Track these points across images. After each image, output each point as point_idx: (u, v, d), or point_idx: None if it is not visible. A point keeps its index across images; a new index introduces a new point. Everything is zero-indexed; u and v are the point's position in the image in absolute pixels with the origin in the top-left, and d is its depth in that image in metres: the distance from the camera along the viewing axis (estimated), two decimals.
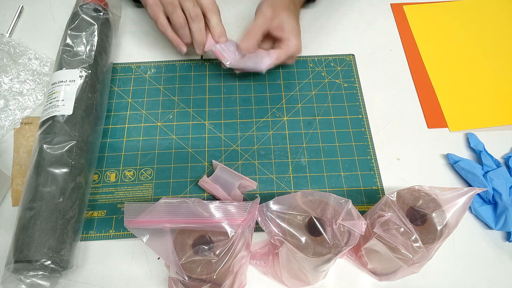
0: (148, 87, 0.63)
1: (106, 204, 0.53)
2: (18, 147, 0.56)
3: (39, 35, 0.68)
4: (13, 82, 0.61)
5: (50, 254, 0.43)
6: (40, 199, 0.46)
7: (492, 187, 0.52)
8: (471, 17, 0.71)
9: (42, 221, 0.45)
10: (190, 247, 0.38)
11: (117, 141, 0.58)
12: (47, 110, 0.52)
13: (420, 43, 0.68)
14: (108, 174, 0.55)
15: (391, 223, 0.40)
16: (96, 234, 0.51)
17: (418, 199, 0.42)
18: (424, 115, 0.61)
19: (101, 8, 0.60)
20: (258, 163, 0.56)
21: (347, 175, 0.55)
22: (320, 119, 0.60)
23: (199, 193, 0.54)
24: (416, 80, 0.64)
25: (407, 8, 0.73)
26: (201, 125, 0.59)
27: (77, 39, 0.57)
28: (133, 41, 0.68)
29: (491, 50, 0.67)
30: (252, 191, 0.54)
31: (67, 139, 0.49)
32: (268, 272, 0.48)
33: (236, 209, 0.38)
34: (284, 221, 0.39)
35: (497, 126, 0.59)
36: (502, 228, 0.50)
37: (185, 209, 0.38)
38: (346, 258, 0.49)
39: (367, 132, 0.59)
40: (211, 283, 0.38)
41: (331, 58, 0.66)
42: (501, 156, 0.57)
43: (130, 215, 0.37)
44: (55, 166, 0.48)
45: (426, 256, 0.39)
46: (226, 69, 0.63)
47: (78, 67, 0.54)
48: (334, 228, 0.38)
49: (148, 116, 0.60)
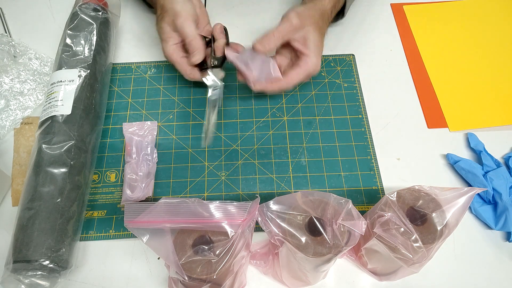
0: (148, 87, 0.63)
1: (106, 204, 0.53)
2: (18, 147, 0.56)
3: (39, 35, 0.68)
4: (13, 82, 0.61)
5: (49, 254, 0.43)
6: (38, 199, 0.46)
7: (492, 187, 0.52)
8: (471, 17, 0.71)
9: (41, 221, 0.45)
10: (190, 247, 0.38)
11: (117, 141, 0.57)
12: (46, 110, 0.52)
13: (420, 43, 0.68)
14: (108, 174, 0.55)
15: (391, 223, 0.40)
16: (96, 234, 0.51)
17: (418, 199, 0.42)
18: (424, 115, 0.61)
19: (100, 7, 0.60)
20: (258, 163, 0.56)
21: (347, 175, 0.55)
22: (320, 119, 0.60)
23: (199, 193, 0.54)
24: (416, 80, 0.64)
25: (407, 8, 0.73)
26: (201, 125, 0.59)
27: (76, 39, 0.57)
28: (133, 41, 0.68)
29: (491, 50, 0.67)
30: (252, 191, 0.54)
31: (65, 139, 0.49)
32: (268, 272, 0.48)
33: (236, 209, 0.38)
34: (284, 221, 0.39)
35: (497, 126, 0.59)
36: (502, 228, 0.50)
37: (185, 209, 0.38)
38: (346, 258, 0.49)
39: (367, 132, 0.59)
40: (211, 283, 0.38)
41: (331, 58, 0.66)
42: (501, 156, 0.57)
43: (130, 215, 0.37)
44: (54, 166, 0.48)
45: (426, 256, 0.39)
46: (227, 70, 0.64)
47: (77, 67, 0.54)
48: (334, 228, 0.38)
49: (148, 116, 0.60)
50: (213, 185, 0.54)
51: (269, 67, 0.55)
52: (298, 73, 0.54)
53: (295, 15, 0.53)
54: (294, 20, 0.52)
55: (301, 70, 0.54)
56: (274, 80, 0.55)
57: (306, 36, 0.53)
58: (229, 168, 0.56)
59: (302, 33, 0.53)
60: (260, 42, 0.53)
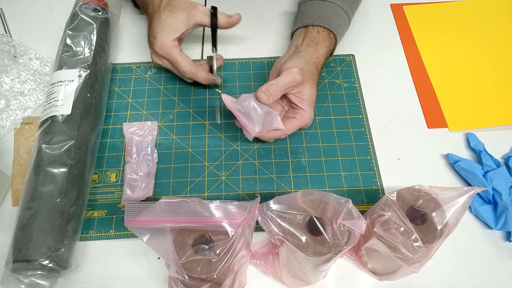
0: (148, 87, 0.63)
1: (106, 204, 0.53)
2: (18, 147, 0.56)
3: (40, 35, 0.68)
4: (14, 82, 0.61)
5: (49, 253, 0.43)
6: (38, 199, 0.46)
7: (492, 187, 0.52)
8: (471, 17, 0.71)
9: (41, 220, 0.45)
10: (190, 246, 0.38)
11: (117, 141, 0.58)
12: (46, 110, 0.52)
13: (420, 43, 0.68)
14: (108, 174, 0.55)
15: (391, 222, 0.40)
16: (96, 234, 0.51)
17: (418, 199, 0.42)
18: (424, 115, 0.61)
19: (100, 8, 0.60)
20: (258, 162, 0.56)
21: (347, 175, 0.55)
22: (320, 119, 0.60)
23: (199, 193, 0.54)
24: (416, 80, 0.64)
25: (407, 8, 0.73)
26: (201, 125, 0.59)
27: (76, 39, 0.57)
28: (134, 41, 0.68)
29: (491, 50, 0.67)
30: (252, 191, 0.54)
31: (65, 139, 0.50)
32: (268, 271, 0.48)
33: (236, 208, 0.38)
34: (284, 221, 0.39)
35: (497, 126, 0.59)
36: (502, 228, 0.50)
37: (185, 209, 0.38)
38: (346, 257, 0.49)
39: (367, 132, 0.59)
40: (211, 283, 0.38)
41: (331, 58, 0.66)
42: (501, 156, 0.57)
43: (130, 214, 0.37)
44: (53, 165, 0.48)
45: (426, 256, 0.39)
46: (226, 70, 0.64)
47: (77, 67, 0.54)
48: (334, 228, 0.39)
49: (148, 116, 0.60)
50: (213, 185, 0.54)
51: (272, 120, 0.53)
52: (294, 125, 0.54)
53: (298, 72, 0.52)
54: (298, 76, 0.52)
55: (297, 122, 0.54)
56: (273, 128, 0.54)
57: (303, 92, 0.54)
58: (229, 168, 0.56)
59: (300, 88, 0.54)
60: (265, 93, 0.51)
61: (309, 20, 0.59)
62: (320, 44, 0.58)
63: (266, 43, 0.68)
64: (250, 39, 0.68)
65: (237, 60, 0.66)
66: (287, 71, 0.53)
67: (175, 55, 0.56)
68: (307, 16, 0.61)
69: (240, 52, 0.67)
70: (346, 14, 0.62)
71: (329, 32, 0.59)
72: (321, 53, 0.58)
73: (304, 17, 0.61)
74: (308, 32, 0.59)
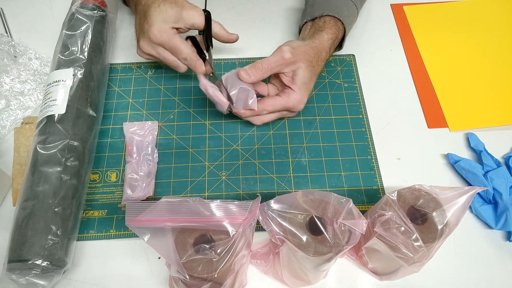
0: (148, 87, 0.63)
1: (106, 204, 0.53)
2: (18, 147, 0.56)
3: (40, 35, 0.68)
4: (14, 82, 0.61)
5: (43, 253, 0.43)
6: (33, 199, 0.46)
7: (492, 187, 0.52)
8: (471, 17, 0.71)
9: (35, 220, 0.45)
10: (191, 246, 0.38)
11: (117, 141, 0.57)
12: (42, 111, 0.52)
13: (420, 43, 0.68)
14: (108, 174, 0.55)
15: (392, 222, 0.40)
16: (96, 233, 0.51)
17: (419, 198, 0.42)
18: (424, 115, 0.61)
19: (96, 6, 0.60)
20: (258, 162, 0.56)
21: (347, 174, 0.55)
22: (320, 119, 0.60)
23: (199, 193, 0.54)
24: (416, 80, 0.64)
25: (407, 8, 0.73)
26: (202, 125, 0.59)
27: (72, 38, 0.57)
28: (134, 41, 0.68)
29: (491, 50, 0.67)
30: (253, 191, 0.54)
31: (60, 138, 0.49)
32: (268, 271, 0.48)
33: (237, 208, 0.38)
34: (285, 220, 0.39)
35: (497, 126, 0.59)
36: (502, 228, 0.50)
37: (186, 208, 0.38)
38: (347, 257, 0.49)
39: (368, 132, 0.59)
40: (212, 282, 0.38)
41: (331, 58, 0.66)
42: (501, 156, 0.57)
43: (131, 214, 0.37)
44: (48, 165, 0.48)
45: (427, 255, 0.39)
46: (226, 70, 0.64)
47: (71, 66, 0.54)
48: (335, 227, 0.39)
49: (148, 116, 0.60)
50: (214, 185, 0.54)
51: (247, 98, 0.53)
52: (274, 102, 0.53)
53: (289, 50, 0.51)
54: (287, 54, 0.51)
55: (279, 100, 0.53)
56: (248, 108, 0.54)
57: (296, 72, 0.52)
58: (230, 168, 0.56)
59: (293, 68, 0.52)
60: (245, 71, 0.52)
61: (317, 12, 0.59)
62: (326, 31, 0.57)
63: (266, 43, 0.68)
64: (250, 39, 0.68)
65: (237, 60, 0.66)
66: (277, 50, 0.52)
67: (177, 42, 0.55)
68: (316, 8, 0.60)
69: (240, 52, 0.67)
70: (355, 5, 0.61)
71: (337, 20, 0.58)
72: (326, 38, 0.56)
73: (313, 10, 0.60)
74: (315, 24, 0.58)
